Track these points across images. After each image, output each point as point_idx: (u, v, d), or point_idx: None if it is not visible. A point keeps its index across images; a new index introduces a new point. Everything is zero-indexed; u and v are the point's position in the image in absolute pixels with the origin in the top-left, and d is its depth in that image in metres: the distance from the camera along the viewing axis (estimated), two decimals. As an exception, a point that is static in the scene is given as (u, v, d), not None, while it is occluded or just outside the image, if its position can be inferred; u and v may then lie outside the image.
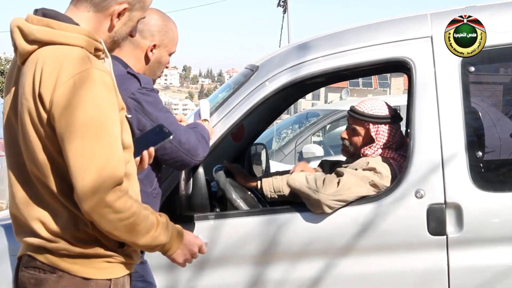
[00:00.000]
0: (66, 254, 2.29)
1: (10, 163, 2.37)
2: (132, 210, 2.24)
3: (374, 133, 3.66)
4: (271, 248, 3.40)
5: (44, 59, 2.21)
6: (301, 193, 3.46)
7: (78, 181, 2.15)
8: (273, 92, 3.54)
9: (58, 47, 2.24)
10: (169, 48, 3.21)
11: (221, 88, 4.24)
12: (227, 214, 3.53)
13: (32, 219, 2.30)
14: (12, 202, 2.39)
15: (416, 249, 3.36)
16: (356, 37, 3.65)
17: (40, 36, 2.24)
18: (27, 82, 2.23)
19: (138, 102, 2.98)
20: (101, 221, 2.20)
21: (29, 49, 2.25)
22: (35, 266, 2.32)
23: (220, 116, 3.53)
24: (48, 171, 2.24)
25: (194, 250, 2.53)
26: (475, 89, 3.51)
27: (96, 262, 2.31)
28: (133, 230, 2.26)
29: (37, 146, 2.22)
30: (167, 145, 3.02)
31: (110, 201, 2.18)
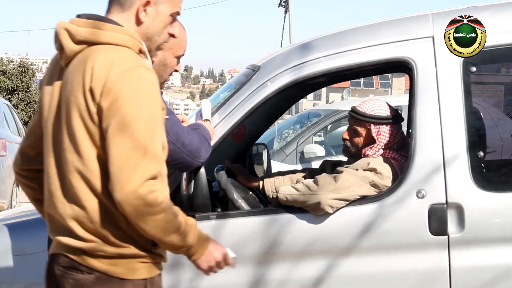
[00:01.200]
0: (102, 255, 2.32)
1: (50, 162, 2.39)
2: (162, 206, 2.27)
3: (375, 133, 3.66)
4: (273, 248, 3.40)
5: (94, 57, 2.29)
6: (298, 203, 3.43)
7: (114, 170, 2.21)
8: (274, 92, 3.54)
9: (106, 46, 2.32)
10: (174, 50, 3.17)
11: (222, 88, 4.23)
12: (228, 214, 3.53)
13: (69, 217, 2.33)
14: (48, 201, 2.42)
15: (418, 249, 3.36)
16: (357, 37, 3.65)
17: (88, 37, 2.33)
18: (75, 79, 2.30)
19: None
20: (132, 213, 2.23)
21: (76, 49, 2.34)
22: (73, 267, 2.35)
23: (222, 116, 3.53)
24: (92, 166, 2.28)
25: (219, 259, 2.54)
26: (477, 89, 3.51)
27: (132, 263, 2.35)
28: (161, 226, 2.29)
29: (84, 141, 2.28)
30: (170, 147, 3.02)
31: (143, 194, 2.21)
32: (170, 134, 3.01)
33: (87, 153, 2.28)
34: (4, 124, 10.87)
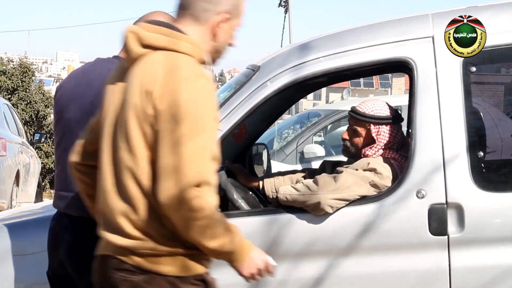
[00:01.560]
0: (153, 253, 2.34)
1: (105, 159, 2.43)
2: (206, 212, 2.28)
3: (375, 133, 3.66)
4: (273, 248, 3.39)
5: (156, 61, 2.36)
6: (298, 203, 3.43)
7: (162, 173, 2.25)
8: (274, 92, 3.54)
9: (169, 52, 2.38)
10: None
11: (222, 88, 4.23)
12: (228, 214, 3.52)
13: (119, 214, 2.36)
14: (101, 197, 2.45)
15: (418, 249, 3.36)
16: (357, 37, 3.64)
17: (154, 42, 2.40)
18: (136, 81, 2.37)
19: None
20: (175, 216, 2.27)
21: (141, 52, 2.41)
22: (125, 269, 2.37)
23: (222, 116, 3.53)
24: (143, 165, 2.33)
25: (260, 266, 2.54)
26: (477, 89, 3.51)
27: (182, 260, 2.37)
28: (204, 232, 2.31)
29: (138, 141, 2.33)
30: None
31: (188, 198, 2.24)
32: None
33: (140, 153, 2.33)
34: (4, 124, 10.87)
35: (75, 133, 3.06)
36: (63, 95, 3.19)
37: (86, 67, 3.24)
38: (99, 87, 3.04)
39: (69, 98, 3.14)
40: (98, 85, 3.06)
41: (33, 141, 13.19)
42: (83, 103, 3.06)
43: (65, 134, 3.12)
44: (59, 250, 3.08)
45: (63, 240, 3.06)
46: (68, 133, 3.10)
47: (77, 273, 3.04)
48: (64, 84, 3.26)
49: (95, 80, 3.08)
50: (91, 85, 3.07)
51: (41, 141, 14.00)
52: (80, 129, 3.04)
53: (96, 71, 3.13)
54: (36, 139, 13.34)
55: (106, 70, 3.11)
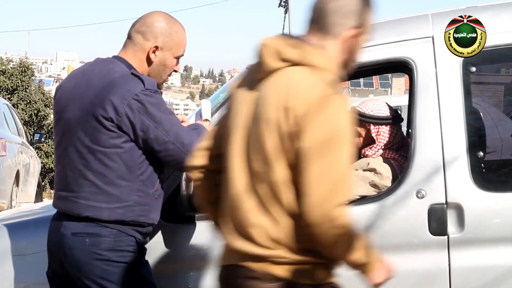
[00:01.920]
0: (284, 262, 2.33)
1: (235, 168, 2.41)
2: (348, 228, 2.30)
3: (374, 133, 3.66)
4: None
5: (295, 78, 2.34)
6: None
7: (310, 194, 2.24)
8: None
9: (308, 68, 2.36)
10: (174, 51, 3.20)
11: (222, 88, 4.24)
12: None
13: (253, 225, 2.34)
14: (230, 205, 2.42)
15: (417, 249, 3.35)
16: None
17: (293, 57, 2.36)
18: (271, 95, 2.34)
19: (141, 103, 2.99)
20: (321, 235, 2.26)
21: (277, 66, 2.37)
22: (256, 277, 2.35)
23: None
24: (279, 179, 2.31)
25: (388, 274, 2.55)
26: (477, 89, 3.51)
27: (314, 269, 2.36)
28: (347, 247, 2.32)
29: (274, 155, 2.31)
30: (170, 147, 3.03)
31: (336, 217, 2.24)
32: (170, 134, 3.02)
33: (275, 167, 2.31)
34: (4, 124, 10.87)
35: (75, 133, 3.06)
36: (63, 95, 3.19)
37: (86, 67, 3.24)
38: (98, 87, 3.05)
39: (69, 98, 3.14)
40: (97, 85, 3.06)
41: (33, 141, 13.19)
42: (83, 103, 3.06)
43: (65, 134, 3.12)
44: (59, 250, 3.08)
45: (63, 240, 3.06)
46: (68, 133, 3.10)
47: (77, 274, 3.04)
48: (64, 84, 3.26)
49: (95, 80, 3.08)
50: (91, 85, 3.07)
51: (41, 141, 14.01)
52: (80, 129, 3.05)
53: (95, 71, 3.13)
54: (36, 139, 13.35)
55: (105, 70, 3.11)
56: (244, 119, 2.41)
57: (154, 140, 3.01)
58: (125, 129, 2.99)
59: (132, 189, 3.04)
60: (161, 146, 3.03)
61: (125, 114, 2.98)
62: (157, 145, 3.02)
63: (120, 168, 3.01)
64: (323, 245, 2.30)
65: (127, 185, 3.03)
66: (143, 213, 3.08)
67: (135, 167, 3.04)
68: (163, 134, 3.01)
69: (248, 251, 2.35)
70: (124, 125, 2.98)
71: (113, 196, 3.02)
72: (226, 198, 2.44)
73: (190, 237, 3.40)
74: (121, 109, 2.97)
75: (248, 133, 2.39)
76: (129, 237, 3.06)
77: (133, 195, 3.04)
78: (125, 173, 3.02)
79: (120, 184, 3.02)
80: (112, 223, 3.02)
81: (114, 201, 3.02)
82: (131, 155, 3.02)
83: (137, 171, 3.04)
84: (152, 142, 3.02)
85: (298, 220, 2.29)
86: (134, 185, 3.04)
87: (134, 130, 3.00)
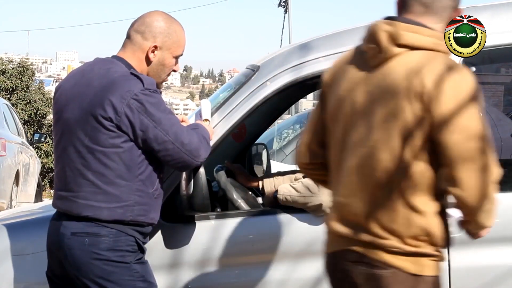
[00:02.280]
0: (397, 251, 2.36)
1: (348, 158, 2.44)
2: (495, 199, 2.44)
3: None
4: (273, 248, 3.39)
5: (428, 63, 2.33)
6: (298, 204, 3.43)
7: (464, 177, 2.33)
8: (274, 92, 3.54)
9: (432, 52, 2.37)
10: (173, 50, 3.20)
11: (222, 88, 4.23)
12: (228, 214, 3.53)
13: (368, 215, 2.37)
14: (343, 193, 2.46)
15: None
16: (357, 37, 3.63)
17: (415, 42, 2.37)
18: (397, 82, 2.33)
19: (141, 103, 2.98)
20: (480, 214, 2.41)
21: (396, 52, 2.37)
22: (366, 262, 2.38)
23: (221, 116, 3.53)
24: (403, 168, 2.33)
25: None
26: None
27: (424, 260, 2.39)
28: (491, 215, 2.47)
29: (400, 146, 2.32)
30: (169, 146, 3.03)
31: (491, 195, 2.41)
32: (169, 134, 3.02)
33: (403, 156, 2.32)
34: (4, 124, 10.86)
35: (75, 133, 3.06)
36: (62, 94, 3.18)
37: (85, 67, 3.24)
38: (98, 87, 3.04)
39: (68, 98, 3.13)
40: (97, 85, 3.05)
41: (32, 141, 13.18)
42: (82, 103, 3.05)
43: (64, 134, 3.12)
44: (59, 251, 3.08)
45: (63, 240, 3.05)
46: (67, 133, 3.10)
47: (76, 274, 3.04)
48: (63, 84, 3.26)
49: (94, 80, 3.08)
50: (90, 85, 3.07)
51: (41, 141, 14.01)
52: (79, 128, 3.04)
53: (95, 71, 3.13)
54: (36, 139, 13.34)
55: (104, 70, 3.11)
56: (358, 107, 2.41)
57: (154, 139, 3.01)
58: (124, 128, 2.99)
59: (131, 188, 3.04)
60: (160, 146, 3.03)
61: (124, 113, 2.98)
62: (156, 144, 3.02)
63: (119, 168, 3.01)
64: (473, 216, 2.42)
65: (127, 184, 3.03)
66: (143, 212, 3.08)
67: (134, 166, 3.03)
68: (162, 133, 3.01)
69: (361, 238, 2.38)
70: (123, 124, 2.98)
71: (112, 196, 3.02)
72: (338, 186, 2.48)
73: (189, 237, 3.40)
74: (120, 109, 2.97)
75: (367, 120, 2.38)
76: (129, 236, 3.06)
77: (133, 194, 3.04)
78: (124, 173, 3.02)
79: (119, 183, 3.02)
80: (112, 223, 3.02)
81: (114, 201, 3.02)
82: (130, 155, 3.02)
83: (136, 170, 3.04)
84: (152, 142, 3.02)
85: (414, 210, 2.34)
86: (133, 185, 3.04)
87: (133, 130, 3.00)
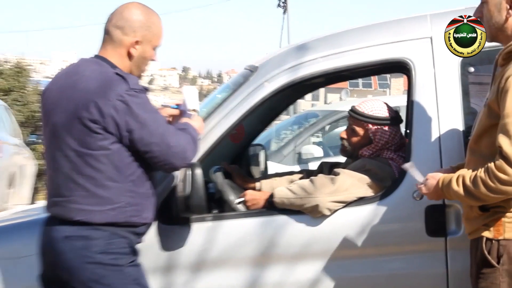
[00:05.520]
0: None
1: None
2: None
3: (372, 134, 3.65)
4: (269, 250, 3.39)
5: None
6: (295, 206, 3.41)
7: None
8: (272, 93, 3.54)
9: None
10: (153, 42, 3.19)
11: (220, 88, 4.24)
12: (224, 216, 3.52)
13: None
14: None
15: (415, 250, 3.35)
16: (355, 38, 3.64)
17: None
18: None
19: (126, 104, 2.96)
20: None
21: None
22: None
23: (219, 116, 3.52)
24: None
25: None
26: (475, 89, 3.50)
27: None
28: None
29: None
30: (155, 148, 3.01)
31: None
32: (155, 136, 3.00)
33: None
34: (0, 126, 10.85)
35: (62, 137, 3.03)
36: (49, 98, 3.16)
37: (70, 69, 3.21)
38: (83, 89, 3.02)
39: (54, 101, 3.11)
40: (82, 87, 3.02)
41: (29, 143, 13.16)
42: (68, 106, 3.03)
43: (53, 139, 3.09)
44: (51, 254, 3.07)
45: (55, 244, 3.04)
46: (55, 138, 3.07)
47: (69, 278, 3.02)
48: (49, 87, 3.22)
49: (79, 82, 3.05)
50: (75, 87, 3.05)
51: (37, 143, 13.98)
52: (66, 133, 3.02)
53: (79, 73, 3.10)
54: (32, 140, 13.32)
55: (89, 71, 3.08)
56: None
57: (139, 141, 2.99)
58: (111, 130, 2.97)
59: (122, 189, 3.03)
60: (146, 147, 3.01)
61: (110, 115, 2.95)
62: (142, 146, 3.01)
63: (109, 170, 3.00)
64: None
65: (117, 186, 3.01)
66: (136, 213, 3.07)
67: (124, 167, 3.02)
68: (147, 135, 2.99)
69: None
70: (109, 126, 2.96)
71: (104, 198, 3.00)
72: None
73: (185, 239, 3.40)
74: (106, 110, 2.95)
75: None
76: (122, 239, 3.05)
77: (124, 195, 3.03)
78: (114, 175, 3.01)
79: (110, 185, 3.01)
80: (105, 225, 3.01)
81: (105, 203, 3.00)
82: (119, 156, 3.01)
83: (126, 171, 3.03)
84: (137, 143, 3.00)
85: None
86: (124, 186, 3.03)
87: (119, 131, 2.98)
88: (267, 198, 3.55)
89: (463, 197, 2.83)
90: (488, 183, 2.72)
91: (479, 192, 2.75)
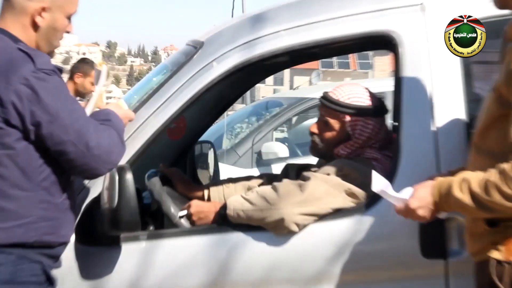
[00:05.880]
0: None
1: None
2: None
3: (351, 128, 3.67)
4: (222, 277, 3.40)
5: None
6: (254, 220, 3.41)
7: None
8: (222, 76, 3.55)
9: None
10: (66, 9, 3.16)
11: (155, 70, 4.24)
12: (164, 234, 3.52)
13: None
14: None
15: (406, 275, 3.38)
16: (328, 6, 3.66)
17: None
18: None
19: (32, 89, 2.92)
20: None
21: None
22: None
23: (155, 106, 3.52)
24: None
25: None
26: (480, 70, 3.55)
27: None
28: None
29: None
30: (70, 149, 2.97)
31: None
32: (69, 132, 2.96)
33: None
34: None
35: None
36: None
37: None
38: None
39: None
40: None
41: None
42: None
43: None
44: None
45: None
46: None
47: None
48: None
49: None
50: None
51: None
52: None
53: None
54: None
55: None
56: None
57: (49, 138, 2.95)
58: (13, 123, 2.92)
59: (33, 200, 3.00)
60: (57, 147, 2.97)
61: (11, 103, 2.91)
62: (53, 145, 2.96)
63: (14, 175, 2.97)
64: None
65: (26, 195, 2.99)
66: (50, 230, 3.05)
67: (34, 171, 2.99)
68: (60, 131, 2.95)
69: None
70: (11, 118, 2.92)
71: (8, 212, 2.97)
72: None
73: (113, 263, 3.39)
74: (6, 97, 2.91)
75: None
76: (33, 264, 3.03)
77: (35, 208, 3.01)
78: (21, 181, 2.98)
79: (16, 195, 2.98)
80: (9, 247, 2.98)
81: (10, 218, 2.97)
82: (27, 157, 2.97)
83: (37, 176, 3.00)
84: (46, 141, 2.96)
85: None
86: (35, 195, 3.00)
87: (23, 124, 2.93)
88: (218, 210, 3.55)
89: (469, 208, 2.83)
90: (503, 189, 2.72)
91: (492, 201, 2.75)
